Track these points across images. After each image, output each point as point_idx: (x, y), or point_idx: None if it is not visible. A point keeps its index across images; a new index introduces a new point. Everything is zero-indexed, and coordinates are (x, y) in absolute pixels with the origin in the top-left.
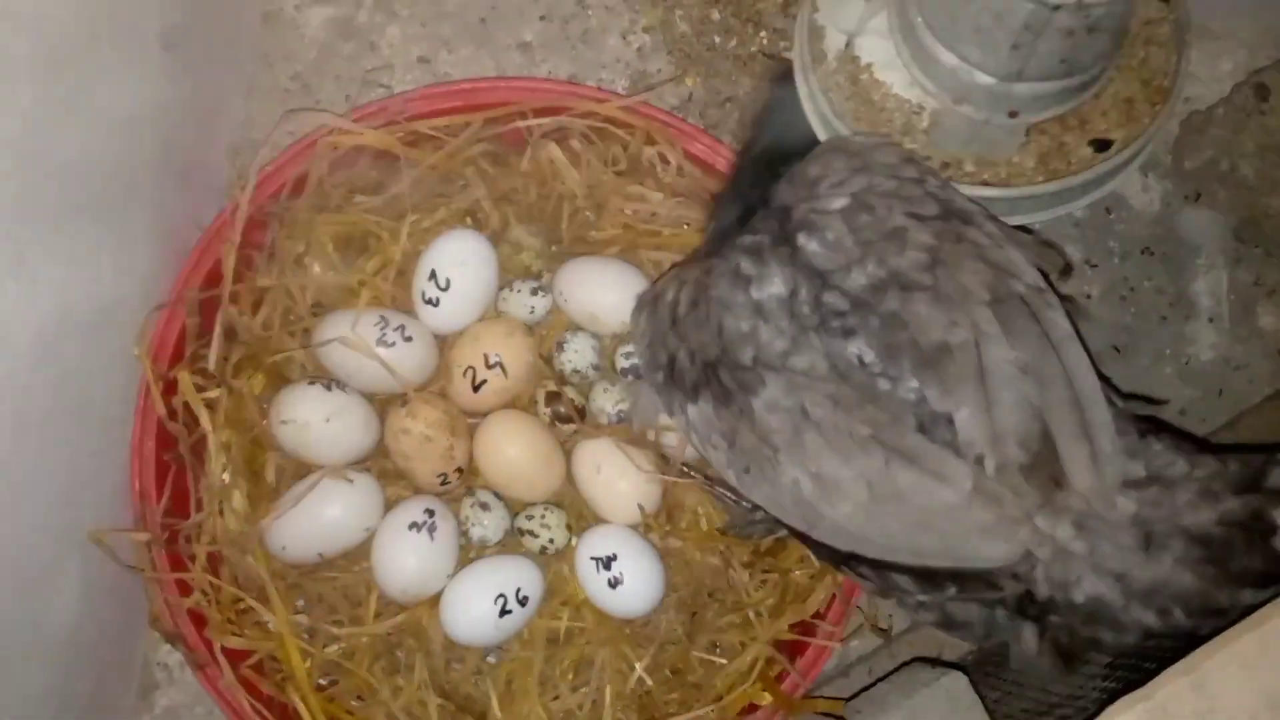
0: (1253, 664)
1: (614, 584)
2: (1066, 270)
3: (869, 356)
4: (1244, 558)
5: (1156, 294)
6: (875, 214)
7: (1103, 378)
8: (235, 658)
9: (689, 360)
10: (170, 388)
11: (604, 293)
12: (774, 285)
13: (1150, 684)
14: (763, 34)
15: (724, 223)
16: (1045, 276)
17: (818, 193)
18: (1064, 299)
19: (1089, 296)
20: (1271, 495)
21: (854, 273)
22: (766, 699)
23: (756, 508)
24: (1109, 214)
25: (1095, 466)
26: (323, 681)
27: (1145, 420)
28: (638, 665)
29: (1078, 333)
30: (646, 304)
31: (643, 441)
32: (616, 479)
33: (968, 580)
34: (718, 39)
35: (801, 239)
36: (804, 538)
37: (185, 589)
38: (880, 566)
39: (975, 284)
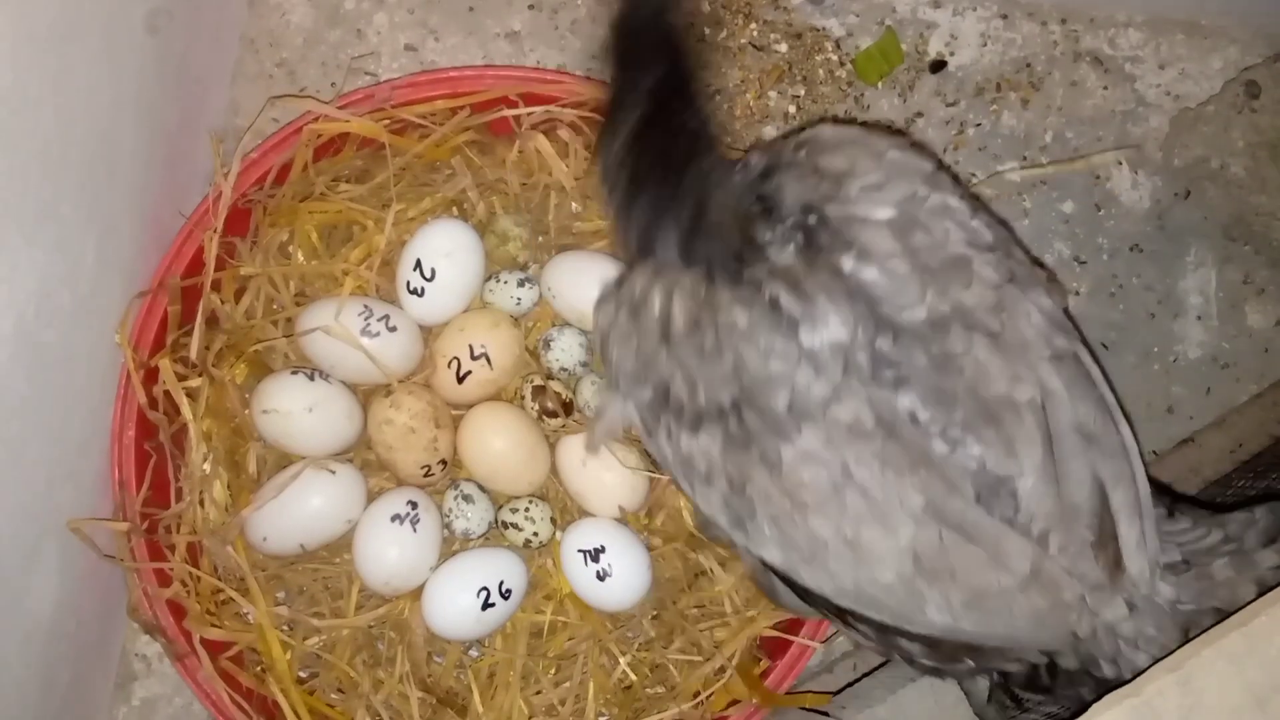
0: (1239, 660)
1: (602, 576)
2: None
3: (923, 414)
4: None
5: (1145, 291)
6: (931, 235)
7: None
8: (215, 649)
9: (688, 390)
10: (151, 376)
11: (594, 289)
12: (830, 329)
13: (1137, 680)
14: (752, 26)
15: (612, 158)
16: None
17: (849, 195)
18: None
19: (1077, 293)
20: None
21: (908, 309)
22: (747, 694)
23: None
24: (1099, 210)
25: (1144, 548)
26: (303, 674)
27: (1166, 491)
28: (622, 660)
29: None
30: (622, 303)
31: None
32: (602, 472)
33: (987, 654)
34: (707, 30)
35: (848, 263)
36: (792, 583)
37: (164, 579)
38: (887, 629)
39: (1034, 335)
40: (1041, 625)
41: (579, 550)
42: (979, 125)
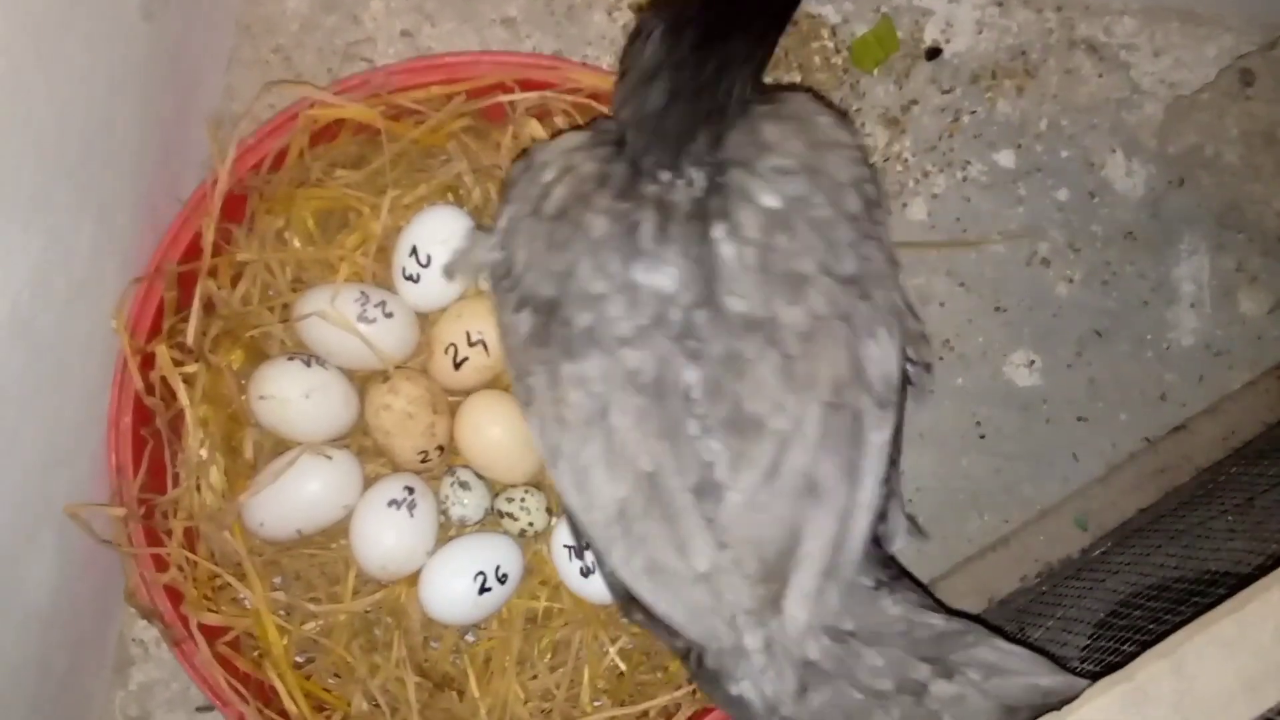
0: (1231, 646)
1: (586, 573)
2: (927, 368)
3: (695, 394)
4: (891, 712)
5: (1138, 278)
6: (794, 240)
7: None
8: (212, 634)
9: (524, 270)
10: (148, 362)
11: None
12: (662, 277)
13: (1129, 666)
14: None
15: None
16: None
17: (758, 168)
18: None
19: (1071, 280)
20: (943, 666)
21: (736, 297)
22: None
23: None
24: (1093, 198)
25: (810, 614)
26: (300, 659)
27: (893, 567)
28: (611, 648)
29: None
30: (527, 167)
31: None
32: None
33: (657, 622)
34: None
35: (718, 231)
36: None
37: (161, 564)
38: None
39: (826, 377)
40: (697, 618)
41: (565, 545)
42: (974, 113)
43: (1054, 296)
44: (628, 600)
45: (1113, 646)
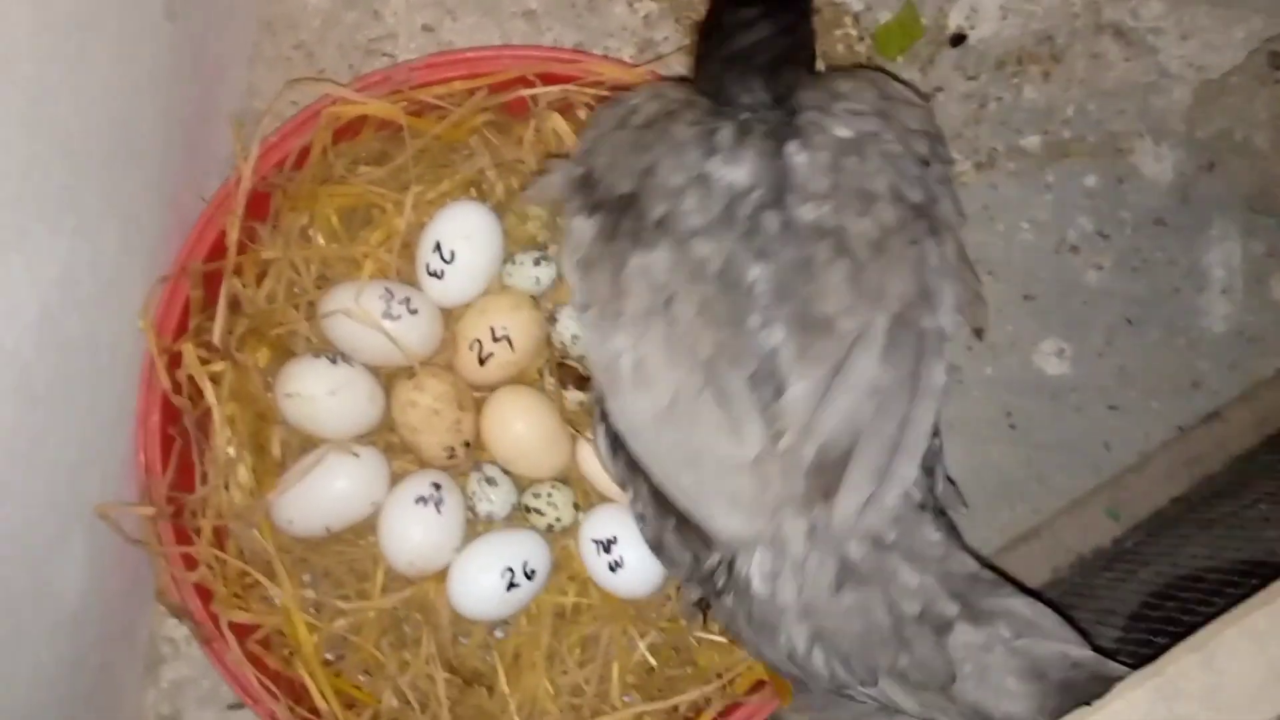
0: (1263, 639)
1: (614, 567)
2: (978, 334)
3: (761, 287)
4: (912, 645)
5: (1169, 265)
6: (864, 165)
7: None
8: (242, 632)
9: (604, 173)
10: (175, 361)
11: None
12: (738, 172)
13: (1160, 660)
14: None
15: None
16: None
17: (833, 110)
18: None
19: (1101, 268)
20: (972, 611)
21: (808, 205)
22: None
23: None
24: (1121, 184)
25: (864, 507)
26: (330, 656)
27: (944, 516)
28: (641, 642)
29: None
30: (616, 100)
31: None
32: None
33: (691, 526)
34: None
35: (791, 147)
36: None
37: (191, 563)
38: (636, 470)
39: (895, 291)
40: (737, 508)
41: (593, 540)
42: (1000, 99)
43: (1083, 284)
44: (659, 534)
45: (1146, 639)
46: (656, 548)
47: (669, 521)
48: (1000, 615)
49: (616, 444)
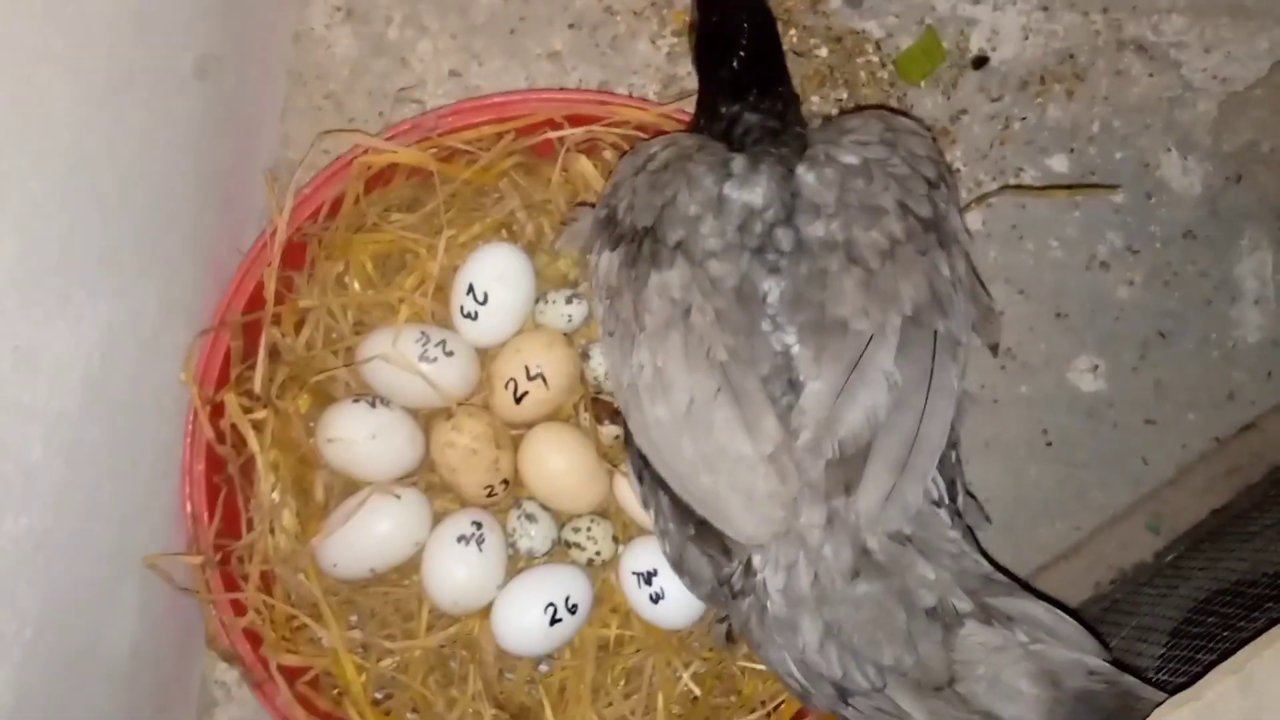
0: None
1: (655, 599)
2: (994, 350)
3: (773, 297)
4: (918, 641)
5: (1200, 277)
6: (871, 185)
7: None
8: (291, 674)
9: (626, 211)
10: (218, 411)
11: None
12: (752, 194)
13: (1199, 684)
14: (792, 32)
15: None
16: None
17: (841, 142)
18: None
19: (1132, 283)
20: (984, 610)
21: (818, 222)
22: None
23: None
24: (1149, 199)
25: (884, 500)
26: (378, 695)
27: (964, 501)
28: (684, 672)
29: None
30: (634, 150)
31: None
32: None
33: (710, 533)
34: None
35: (801, 169)
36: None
37: (240, 608)
38: (659, 482)
39: (907, 295)
40: (754, 506)
41: (633, 573)
42: (1024, 119)
43: (1115, 300)
44: (680, 549)
45: (1188, 655)
46: (678, 564)
47: (688, 531)
48: (1017, 619)
49: (641, 465)
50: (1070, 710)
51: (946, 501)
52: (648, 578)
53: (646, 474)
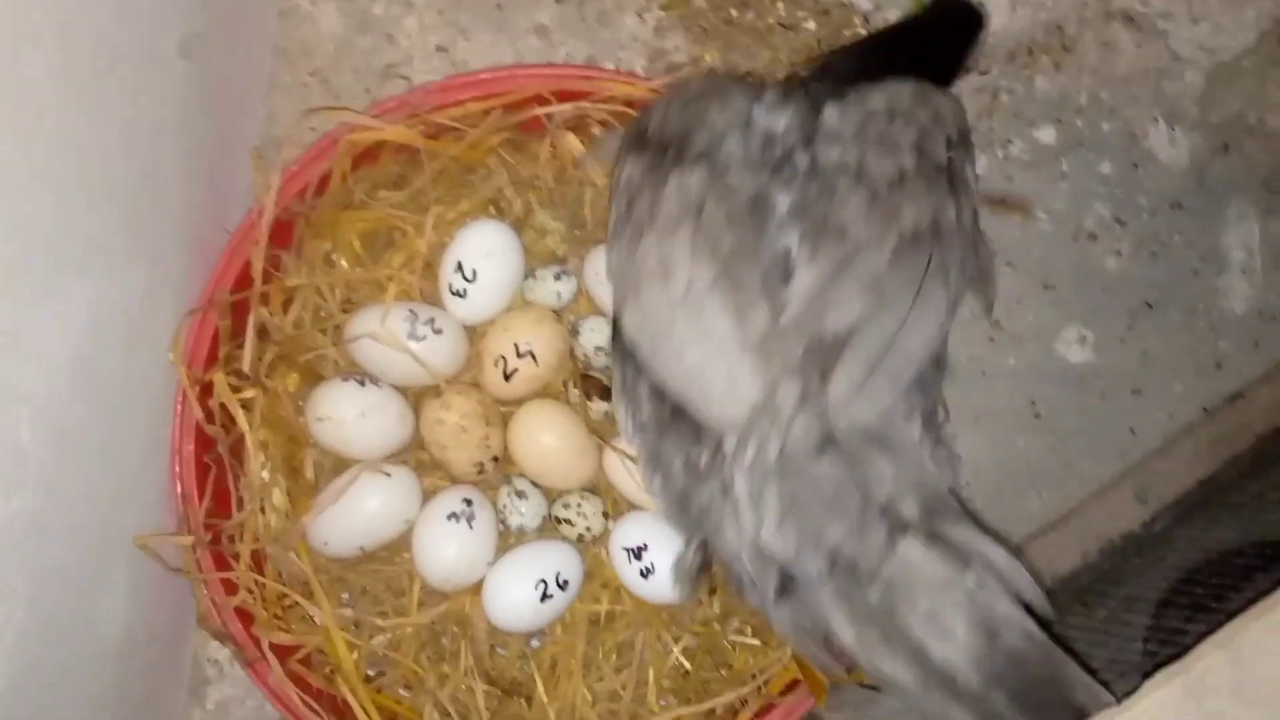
0: None
1: (645, 574)
2: (988, 310)
3: (782, 209)
4: (867, 531)
5: (1187, 248)
6: (891, 126)
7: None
8: (283, 653)
9: (659, 126)
10: (206, 391)
11: None
12: (778, 120)
13: (1188, 656)
14: (780, 5)
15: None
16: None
17: (871, 92)
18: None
19: (1119, 254)
20: (935, 536)
21: (835, 149)
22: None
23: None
24: (1137, 169)
25: (856, 390)
26: (370, 672)
27: (938, 432)
28: (675, 647)
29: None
30: (680, 87)
31: None
32: None
33: (684, 421)
34: (734, 12)
35: (828, 108)
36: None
37: (231, 588)
38: (640, 370)
39: (909, 217)
40: (734, 385)
41: (624, 548)
42: (1012, 91)
43: (1103, 271)
44: (656, 443)
45: (1176, 626)
46: (654, 459)
47: (664, 408)
48: (973, 557)
49: (623, 359)
50: (999, 666)
51: (922, 422)
52: (638, 553)
53: (629, 366)
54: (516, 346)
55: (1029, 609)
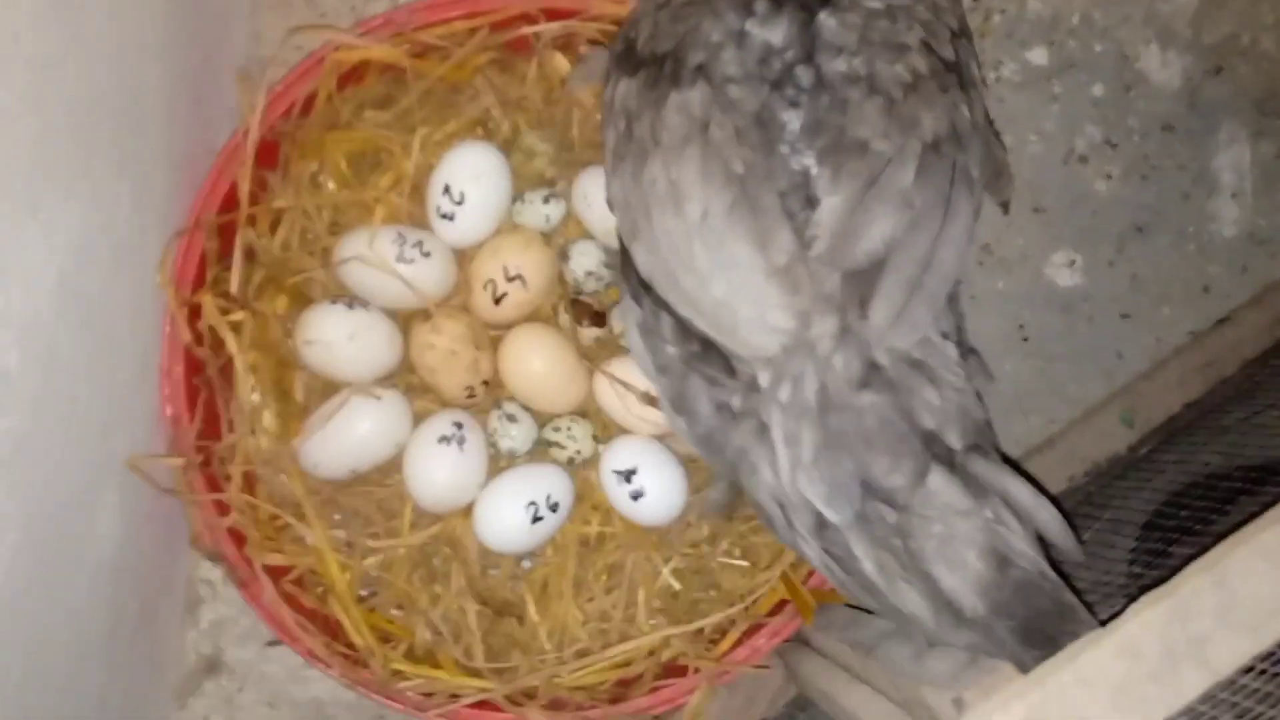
0: (1273, 557)
1: (636, 497)
2: (1004, 207)
3: (793, 127)
4: (903, 462)
5: (1178, 171)
6: (895, 25)
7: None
8: (276, 573)
9: (649, 41)
10: (195, 314)
11: None
12: (772, 33)
13: (1173, 580)
14: None
15: None
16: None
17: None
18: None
19: (1109, 177)
20: (968, 468)
21: (840, 59)
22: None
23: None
24: (1128, 91)
25: (896, 316)
26: (363, 593)
27: (970, 350)
28: (664, 568)
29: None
30: None
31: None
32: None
33: (713, 354)
34: None
35: (823, 16)
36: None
37: (223, 509)
38: (661, 305)
39: (928, 124)
40: (766, 313)
41: (614, 471)
42: (1004, 11)
43: (1093, 194)
44: (681, 384)
45: (1160, 548)
46: (677, 401)
47: (690, 346)
48: (996, 492)
49: (640, 291)
50: (1006, 597)
51: (954, 339)
52: (627, 476)
53: (647, 300)
54: (505, 270)
55: (1050, 547)
